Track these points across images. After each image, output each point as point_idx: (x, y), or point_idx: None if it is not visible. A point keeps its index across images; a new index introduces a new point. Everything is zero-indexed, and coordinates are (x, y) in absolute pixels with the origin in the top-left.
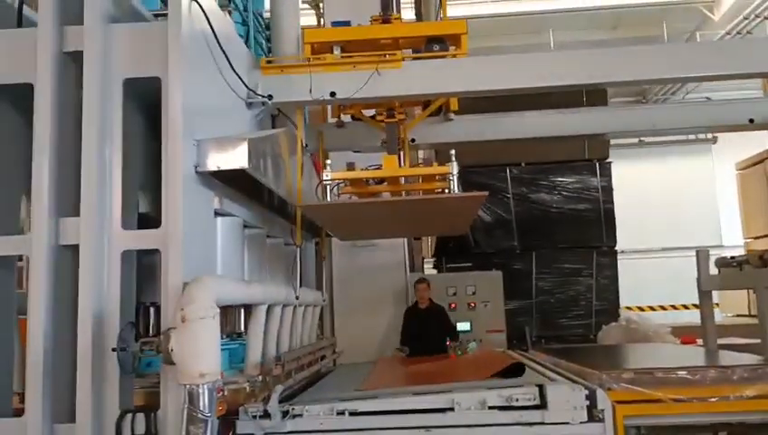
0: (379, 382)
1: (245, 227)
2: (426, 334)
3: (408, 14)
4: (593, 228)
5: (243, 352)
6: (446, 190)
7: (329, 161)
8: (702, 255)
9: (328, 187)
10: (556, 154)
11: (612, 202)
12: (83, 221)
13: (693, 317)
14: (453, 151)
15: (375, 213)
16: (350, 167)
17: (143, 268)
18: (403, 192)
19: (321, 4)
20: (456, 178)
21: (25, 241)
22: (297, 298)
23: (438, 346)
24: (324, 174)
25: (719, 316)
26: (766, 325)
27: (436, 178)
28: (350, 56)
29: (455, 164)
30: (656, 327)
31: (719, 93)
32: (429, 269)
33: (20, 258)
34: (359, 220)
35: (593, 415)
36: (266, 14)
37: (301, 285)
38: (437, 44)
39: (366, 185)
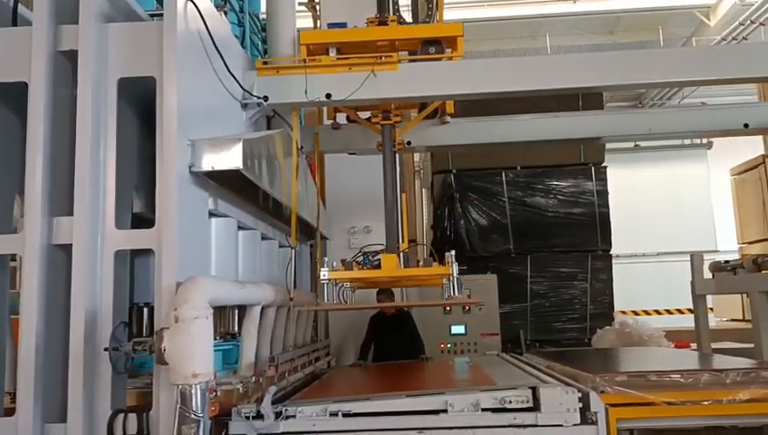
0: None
1: (240, 227)
2: (393, 340)
3: (406, 17)
4: (588, 232)
5: (236, 353)
6: (446, 281)
7: (326, 259)
8: (696, 259)
9: (325, 285)
10: (552, 158)
11: (607, 206)
12: (77, 220)
13: (688, 322)
14: (452, 252)
15: None
16: (347, 266)
17: (137, 268)
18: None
19: (317, 6)
20: (455, 279)
21: (18, 240)
22: (291, 300)
23: (406, 352)
24: (322, 273)
25: (713, 321)
26: (760, 329)
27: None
28: (346, 58)
29: (455, 265)
30: (650, 331)
31: (715, 99)
32: None
33: (13, 258)
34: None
35: (586, 418)
36: (262, 16)
37: (295, 287)
38: (434, 47)
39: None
